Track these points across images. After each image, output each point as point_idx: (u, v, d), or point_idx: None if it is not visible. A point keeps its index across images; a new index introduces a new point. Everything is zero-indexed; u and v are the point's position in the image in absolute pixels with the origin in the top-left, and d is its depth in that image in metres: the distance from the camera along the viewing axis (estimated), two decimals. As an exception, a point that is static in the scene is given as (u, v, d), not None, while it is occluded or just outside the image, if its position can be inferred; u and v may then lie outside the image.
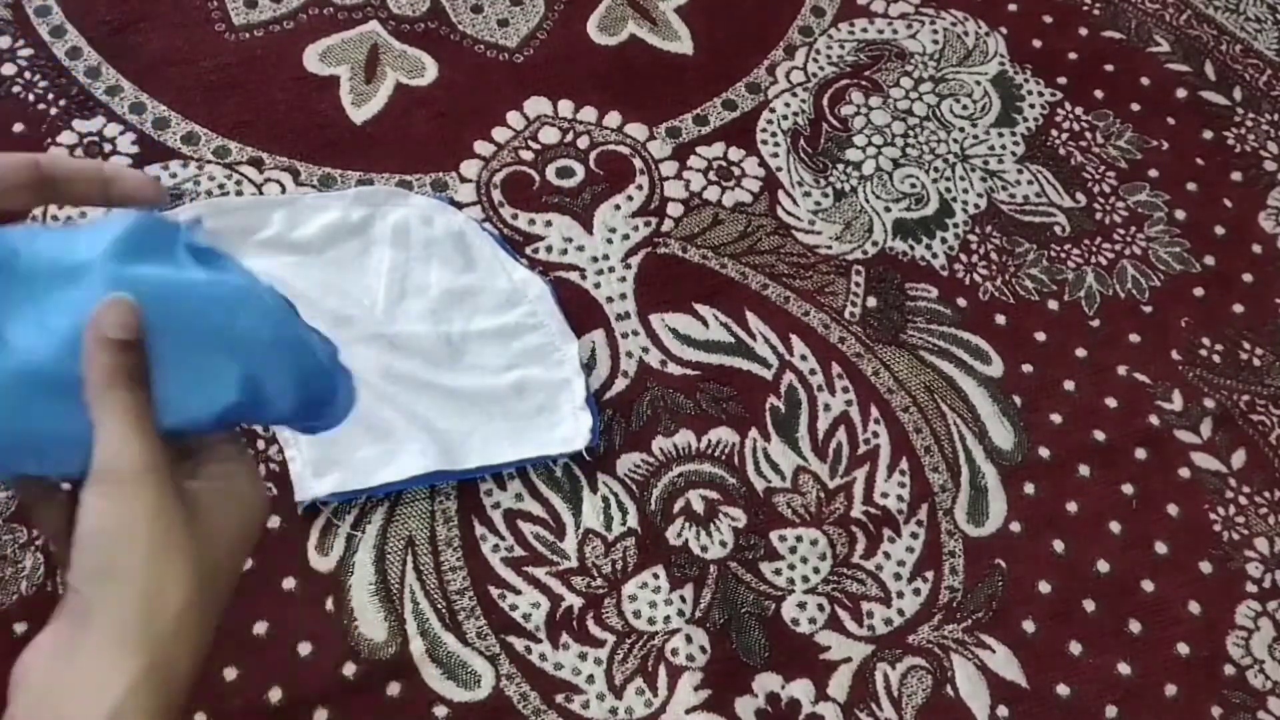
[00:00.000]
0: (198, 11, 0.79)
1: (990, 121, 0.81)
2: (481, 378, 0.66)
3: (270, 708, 0.55)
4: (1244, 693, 0.61)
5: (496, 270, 0.69)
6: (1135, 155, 0.81)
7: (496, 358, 0.66)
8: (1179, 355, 0.72)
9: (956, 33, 0.85)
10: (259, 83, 0.76)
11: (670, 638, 0.59)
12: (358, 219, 0.70)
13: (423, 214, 0.71)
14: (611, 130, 0.77)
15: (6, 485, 0.59)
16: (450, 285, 0.68)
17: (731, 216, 0.74)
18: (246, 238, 0.68)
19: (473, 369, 0.66)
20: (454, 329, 0.67)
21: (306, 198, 0.70)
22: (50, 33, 0.76)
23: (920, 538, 0.64)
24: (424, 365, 0.65)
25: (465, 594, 0.59)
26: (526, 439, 0.63)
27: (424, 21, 0.81)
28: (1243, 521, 0.66)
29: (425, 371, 0.65)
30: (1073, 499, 0.66)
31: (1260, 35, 0.88)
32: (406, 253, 0.69)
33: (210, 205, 0.69)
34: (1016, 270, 0.74)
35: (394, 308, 0.67)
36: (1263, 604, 0.64)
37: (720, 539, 0.62)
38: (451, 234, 0.70)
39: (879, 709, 0.59)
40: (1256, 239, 0.78)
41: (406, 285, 0.68)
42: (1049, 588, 0.63)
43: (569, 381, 0.66)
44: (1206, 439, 0.69)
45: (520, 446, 0.63)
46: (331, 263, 0.69)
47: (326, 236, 0.69)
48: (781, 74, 0.81)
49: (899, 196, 0.77)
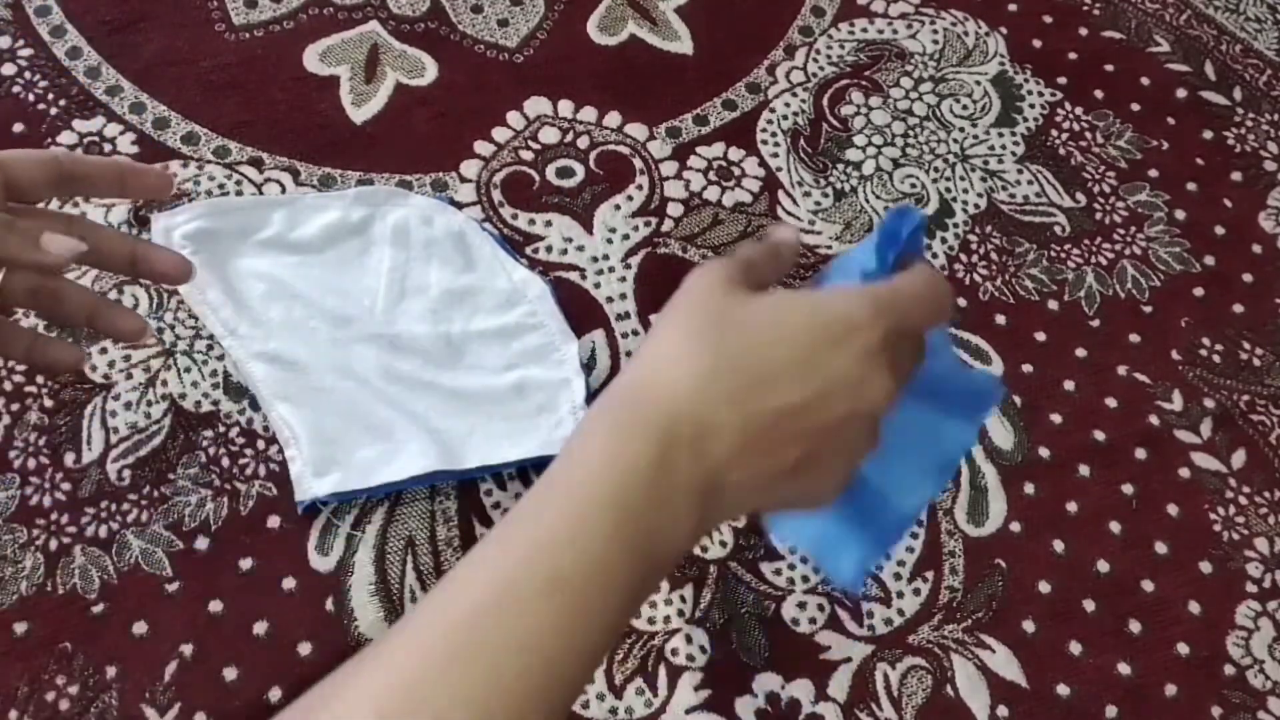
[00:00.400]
0: (198, 11, 0.79)
1: (990, 121, 0.81)
2: (481, 377, 0.66)
3: (270, 708, 0.55)
4: (1244, 693, 0.61)
5: (496, 270, 0.69)
6: (1135, 155, 0.81)
7: (496, 358, 0.66)
8: (1179, 355, 0.72)
9: (956, 33, 0.86)
10: (259, 83, 0.76)
11: (670, 638, 0.59)
12: (358, 219, 0.70)
13: (423, 214, 0.71)
14: (611, 130, 0.77)
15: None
16: (450, 285, 0.68)
17: (731, 216, 0.74)
18: (246, 238, 0.68)
19: (473, 369, 0.66)
20: (454, 329, 0.67)
21: (307, 198, 0.70)
22: (50, 33, 0.76)
23: (920, 538, 0.64)
24: (424, 365, 0.65)
25: (465, 594, 0.59)
26: (527, 439, 0.63)
27: (424, 21, 0.81)
28: (1243, 521, 0.66)
29: (425, 371, 0.65)
30: (1073, 499, 0.66)
31: (1260, 35, 0.88)
32: (406, 252, 0.69)
33: (210, 205, 0.69)
34: (1016, 270, 0.74)
35: (394, 308, 0.67)
36: (1263, 604, 0.64)
37: (720, 539, 0.62)
38: (451, 234, 0.70)
39: (879, 709, 0.59)
40: (1256, 239, 0.78)
41: (406, 285, 0.68)
42: (1049, 588, 0.63)
43: (569, 381, 0.66)
44: (1206, 439, 0.69)
45: (521, 446, 0.63)
46: (331, 263, 0.68)
47: (326, 237, 0.69)
48: (781, 74, 0.82)
49: (899, 196, 0.77)
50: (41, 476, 0.59)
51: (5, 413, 0.62)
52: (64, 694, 0.55)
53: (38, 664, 0.55)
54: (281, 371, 0.63)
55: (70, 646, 0.56)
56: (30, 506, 0.59)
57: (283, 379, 0.63)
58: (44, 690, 0.54)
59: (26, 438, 0.61)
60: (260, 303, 0.66)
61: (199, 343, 0.65)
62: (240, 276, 0.67)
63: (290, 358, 0.64)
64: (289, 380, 0.63)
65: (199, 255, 0.66)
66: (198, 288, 0.65)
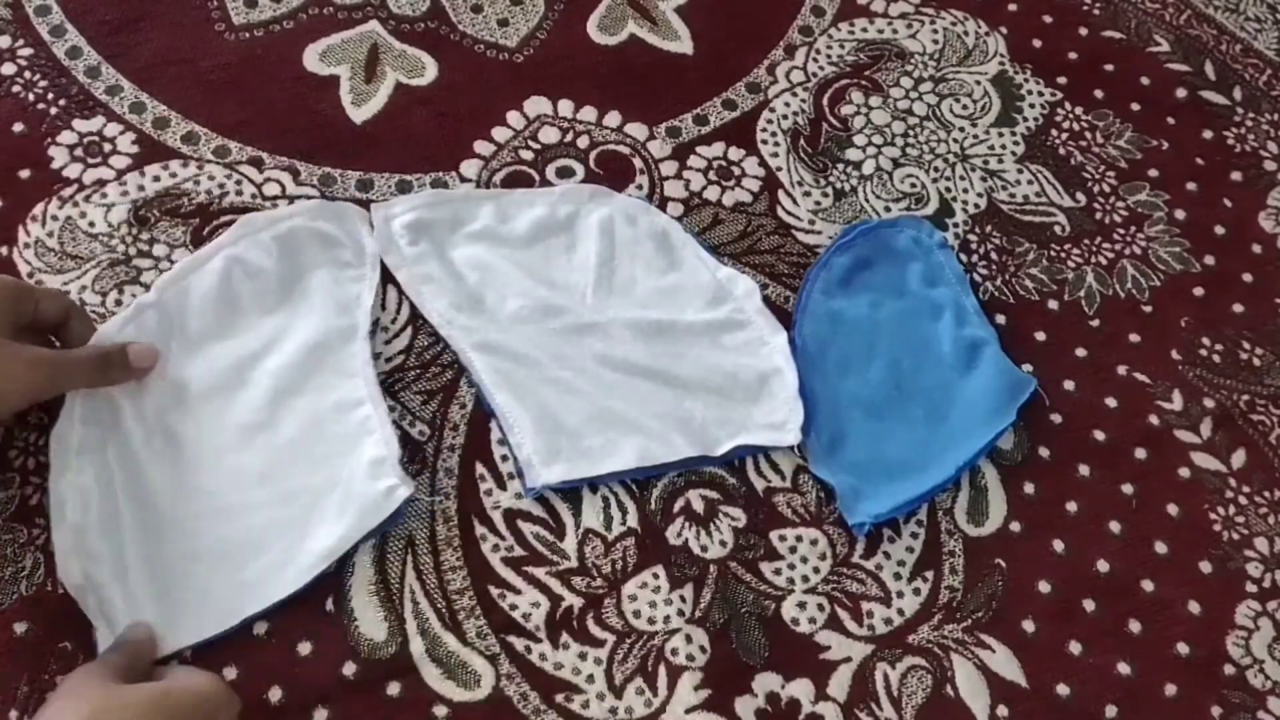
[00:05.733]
0: (198, 11, 0.79)
1: (990, 121, 0.81)
2: (694, 369, 0.66)
3: (270, 708, 0.55)
4: (1244, 693, 0.61)
5: (700, 269, 0.70)
6: (1135, 155, 0.81)
7: (707, 350, 0.67)
8: (1179, 355, 0.72)
9: (956, 33, 0.85)
10: (259, 82, 0.76)
11: (670, 637, 0.59)
12: (564, 215, 0.71)
13: (626, 213, 0.72)
14: (611, 130, 0.77)
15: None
16: (656, 283, 0.69)
17: (731, 216, 0.74)
18: (457, 229, 0.70)
19: (683, 358, 0.67)
20: (663, 320, 0.68)
21: (515, 193, 0.72)
22: (50, 32, 0.76)
23: (920, 537, 0.64)
24: (637, 354, 0.66)
25: (465, 594, 0.59)
26: (742, 429, 0.64)
27: (424, 21, 0.81)
28: (1243, 521, 0.66)
29: (640, 360, 0.66)
30: (1073, 499, 0.66)
31: (1260, 35, 0.88)
32: (612, 249, 0.70)
33: (426, 196, 0.71)
34: (1016, 270, 0.74)
35: (603, 301, 0.68)
36: (1263, 604, 0.64)
37: (720, 539, 0.62)
38: (654, 234, 0.71)
39: (879, 709, 0.59)
40: (1256, 239, 0.78)
41: (614, 282, 0.69)
42: (1049, 588, 0.63)
43: (780, 371, 0.67)
44: (1206, 439, 0.69)
45: (736, 438, 0.64)
46: (539, 256, 0.70)
47: (534, 231, 0.70)
48: (781, 74, 0.82)
49: (899, 196, 0.77)
50: (41, 476, 0.59)
51: (5, 412, 0.62)
52: (64, 694, 0.55)
53: (38, 664, 0.55)
54: (501, 361, 0.64)
55: (70, 646, 0.56)
56: (30, 506, 0.59)
57: (503, 369, 0.64)
58: (44, 690, 0.54)
59: (26, 437, 0.61)
60: (474, 293, 0.67)
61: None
62: (455, 267, 0.68)
63: (508, 348, 0.65)
64: (509, 370, 0.64)
65: (416, 246, 0.68)
66: (415, 279, 0.67)
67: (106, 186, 0.70)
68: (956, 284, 0.71)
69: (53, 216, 0.68)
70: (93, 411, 0.60)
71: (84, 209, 0.69)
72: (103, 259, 0.67)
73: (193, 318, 0.64)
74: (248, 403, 0.62)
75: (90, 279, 0.66)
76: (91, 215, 0.68)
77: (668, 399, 0.65)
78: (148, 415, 0.61)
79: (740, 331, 0.68)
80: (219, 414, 0.62)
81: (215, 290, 0.65)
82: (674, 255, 0.71)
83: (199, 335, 0.64)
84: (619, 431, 0.63)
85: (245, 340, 0.64)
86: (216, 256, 0.66)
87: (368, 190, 0.72)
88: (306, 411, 0.62)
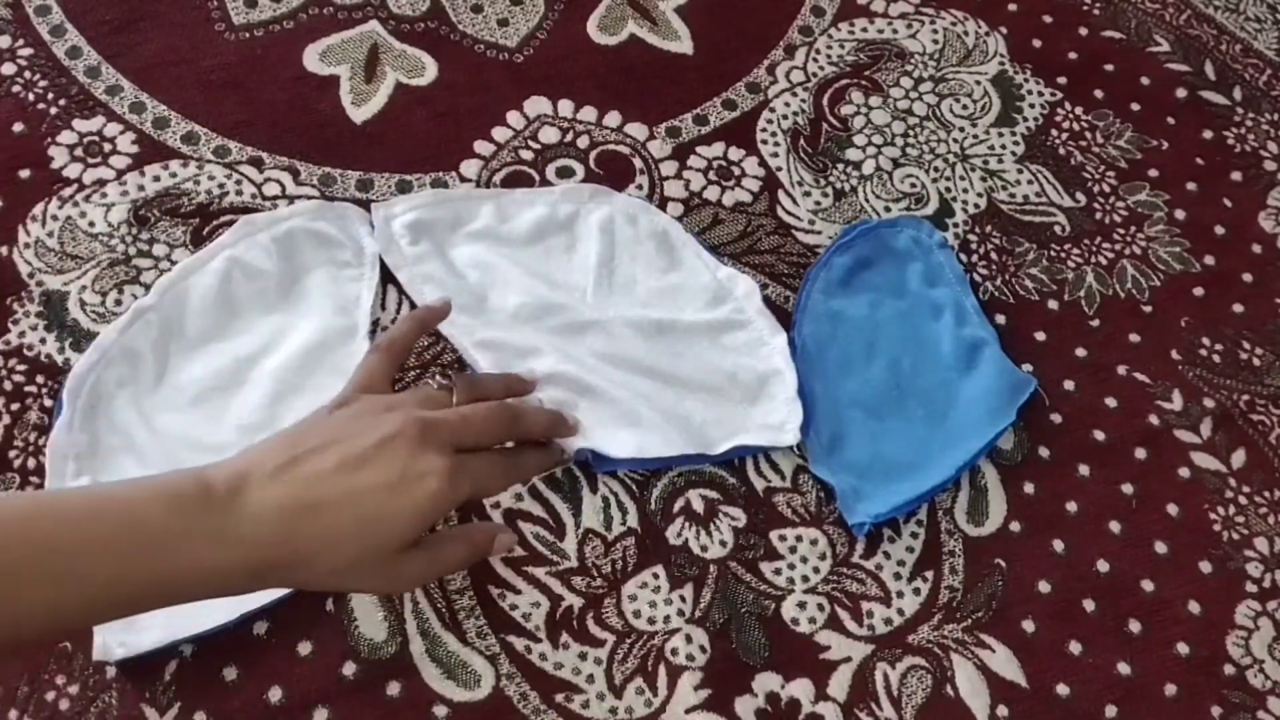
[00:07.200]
0: (198, 11, 0.79)
1: (990, 121, 0.81)
2: (694, 367, 0.66)
3: (270, 708, 0.55)
4: (1244, 693, 0.61)
5: (700, 269, 0.70)
6: (1135, 155, 0.81)
7: (706, 350, 0.67)
8: (1179, 355, 0.72)
9: (956, 32, 0.85)
10: (259, 83, 0.76)
11: (670, 637, 0.59)
12: (564, 215, 0.71)
13: (627, 213, 0.72)
14: (611, 130, 0.77)
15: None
16: (656, 282, 0.69)
17: (731, 216, 0.74)
18: (458, 228, 0.70)
19: (682, 358, 0.67)
20: (663, 320, 0.68)
21: (515, 193, 0.72)
22: (50, 32, 0.76)
23: (920, 537, 0.64)
24: (637, 352, 0.66)
25: (465, 594, 0.59)
26: (741, 429, 0.64)
27: (424, 21, 0.81)
28: (1243, 521, 0.66)
29: (641, 358, 0.66)
30: (1073, 499, 0.66)
31: (1260, 35, 0.88)
32: (612, 249, 0.70)
33: (425, 196, 0.71)
34: (1016, 270, 0.74)
35: (603, 300, 0.68)
36: (1263, 604, 0.64)
37: (720, 539, 0.62)
38: (655, 233, 0.71)
39: (879, 709, 0.59)
40: (1256, 239, 0.78)
41: (614, 281, 0.69)
42: (1049, 588, 0.63)
43: (780, 372, 0.67)
44: (1206, 439, 0.69)
45: (736, 436, 0.64)
46: (540, 255, 0.70)
47: (534, 231, 0.70)
48: (781, 74, 0.82)
49: (899, 196, 0.77)
50: (41, 476, 0.59)
51: (5, 413, 0.62)
52: (64, 694, 0.55)
53: (38, 664, 0.55)
54: (505, 358, 0.64)
55: (70, 646, 0.56)
56: (30, 506, 0.59)
57: (506, 366, 0.64)
58: (44, 690, 0.54)
59: (26, 437, 0.61)
60: (476, 292, 0.67)
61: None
62: (456, 267, 0.68)
63: (511, 345, 0.65)
64: (513, 367, 0.64)
65: (417, 245, 0.68)
66: (416, 279, 0.67)
67: (106, 186, 0.70)
68: (956, 284, 0.71)
69: (53, 216, 0.68)
70: (92, 413, 0.60)
71: (84, 209, 0.69)
72: (103, 259, 0.67)
73: (192, 318, 0.64)
74: (248, 403, 0.62)
75: (90, 279, 0.66)
76: (91, 215, 0.68)
77: (667, 398, 0.65)
78: (148, 415, 0.61)
79: (740, 332, 0.68)
80: (219, 414, 0.62)
81: (215, 291, 0.65)
82: (674, 255, 0.71)
83: (199, 336, 0.64)
84: (618, 424, 0.63)
85: (245, 341, 0.64)
86: (216, 257, 0.66)
87: (368, 190, 0.72)
88: (306, 411, 0.62)
